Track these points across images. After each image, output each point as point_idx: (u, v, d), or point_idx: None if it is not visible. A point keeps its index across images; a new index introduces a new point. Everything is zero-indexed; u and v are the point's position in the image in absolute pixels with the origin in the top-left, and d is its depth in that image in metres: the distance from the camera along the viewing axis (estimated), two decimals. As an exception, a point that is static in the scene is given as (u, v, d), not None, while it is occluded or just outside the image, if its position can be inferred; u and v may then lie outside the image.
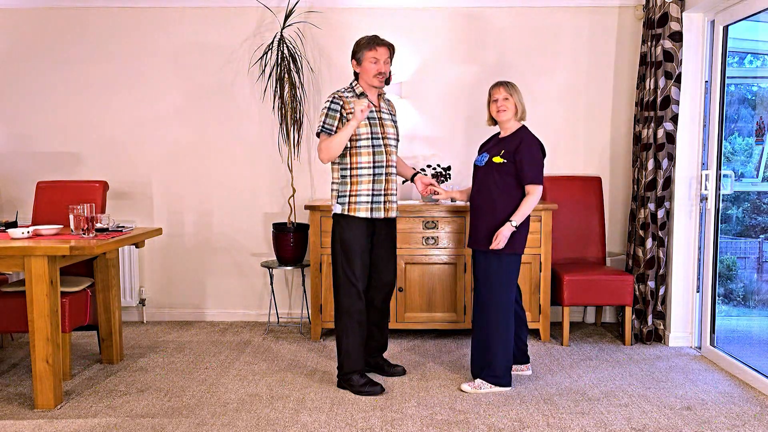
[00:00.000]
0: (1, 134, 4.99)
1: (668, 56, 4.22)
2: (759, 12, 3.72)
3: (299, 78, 4.69)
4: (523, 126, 3.60)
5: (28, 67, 4.94)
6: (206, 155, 4.97)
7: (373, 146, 3.47)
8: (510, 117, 3.55)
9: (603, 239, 4.78)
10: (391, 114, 3.63)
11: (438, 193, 3.73)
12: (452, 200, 4.20)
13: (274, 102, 4.77)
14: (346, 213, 3.49)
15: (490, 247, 3.44)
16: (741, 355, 3.91)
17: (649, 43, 4.36)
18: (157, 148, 4.97)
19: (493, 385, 3.54)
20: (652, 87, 4.32)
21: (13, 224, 4.00)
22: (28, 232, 3.50)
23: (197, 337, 4.61)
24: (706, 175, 4.18)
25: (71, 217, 3.63)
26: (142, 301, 5.02)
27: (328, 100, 3.50)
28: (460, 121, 4.89)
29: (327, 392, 3.54)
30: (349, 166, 3.49)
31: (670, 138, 4.27)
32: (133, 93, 4.94)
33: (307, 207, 4.42)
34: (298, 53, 4.75)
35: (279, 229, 4.60)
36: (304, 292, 4.91)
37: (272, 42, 4.70)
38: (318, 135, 3.51)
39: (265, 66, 4.76)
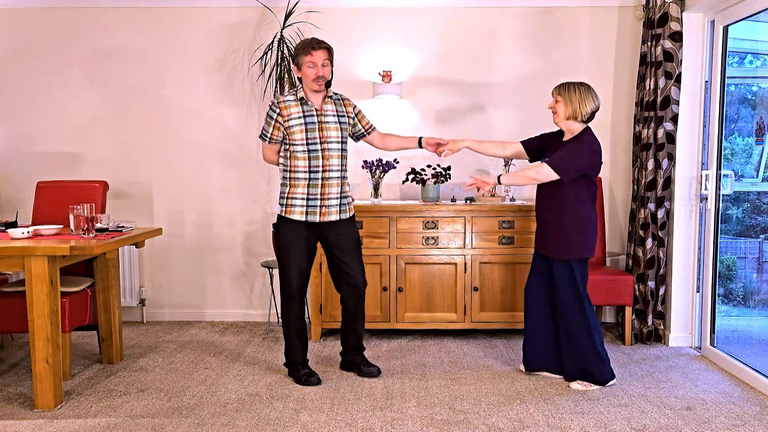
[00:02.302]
0: (1, 134, 4.99)
1: (668, 56, 4.22)
2: (759, 12, 3.72)
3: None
4: (586, 128, 3.56)
5: (28, 67, 4.94)
6: (206, 155, 4.97)
7: (308, 151, 3.52)
8: (560, 119, 3.55)
9: (603, 239, 4.77)
10: (337, 115, 3.61)
11: (442, 145, 3.77)
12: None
13: (274, 102, 4.77)
14: (283, 215, 3.60)
15: (466, 185, 3.62)
16: (741, 355, 3.91)
17: (649, 43, 4.36)
18: (157, 148, 4.97)
19: (600, 385, 3.59)
20: (652, 87, 4.32)
21: (13, 224, 4.00)
22: (28, 232, 3.50)
23: (197, 337, 4.61)
24: (706, 175, 4.18)
25: (71, 217, 3.62)
26: (142, 301, 5.02)
27: (269, 105, 3.62)
28: (461, 121, 4.89)
29: (327, 392, 3.54)
30: (288, 169, 3.58)
31: (670, 138, 4.27)
32: (132, 92, 4.94)
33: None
34: (298, 53, 4.74)
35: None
36: (304, 292, 4.91)
37: (272, 42, 4.70)
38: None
39: (265, 66, 4.76)
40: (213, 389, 3.59)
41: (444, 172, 4.62)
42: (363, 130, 3.76)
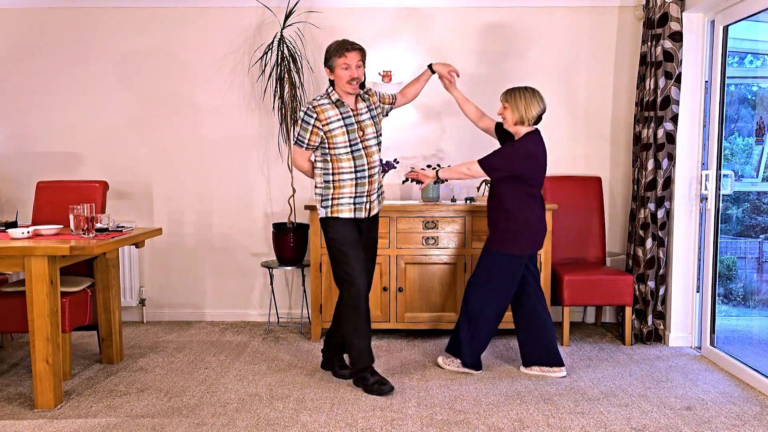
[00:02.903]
0: (1, 134, 4.99)
1: (668, 56, 4.22)
2: (759, 12, 3.72)
3: (299, 78, 4.69)
4: (529, 132, 3.66)
5: (28, 67, 4.94)
6: (206, 155, 4.97)
7: (352, 152, 3.50)
8: (509, 125, 3.69)
9: (603, 239, 4.78)
10: (370, 110, 3.60)
11: (452, 71, 3.89)
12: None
13: (274, 102, 4.77)
14: (330, 215, 3.54)
15: (405, 173, 4.02)
16: (741, 355, 3.91)
17: (649, 43, 4.36)
18: (157, 148, 4.97)
19: (461, 366, 3.85)
20: (652, 87, 4.32)
21: (13, 224, 4.00)
22: (28, 232, 3.50)
23: (197, 337, 4.61)
24: (706, 175, 4.18)
25: (71, 217, 3.62)
26: (142, 301, 5.02)
27: (302, 110, 3.52)
28: (460, 121, 4.89)
29: (327, 392, 3.54)
30: (331, 172, 3.53)
31: (670, 138, 4.27)
32: (132, 93, 4.94)
33: (307, 207, 4.42)
34: (298, 53, 4.75)
35: (279, 229, 4.61)
36: (304, 292, 4.91)
37: (272, 42, 4.70)
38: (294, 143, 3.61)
39: (265, 66, 4.76)
40: (213, 389, 3.59)
41: (444, 172, 4.61)
42: (390, 106, 3.78)
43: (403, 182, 4.71)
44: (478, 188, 4.74)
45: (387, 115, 3.82)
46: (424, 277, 4.45)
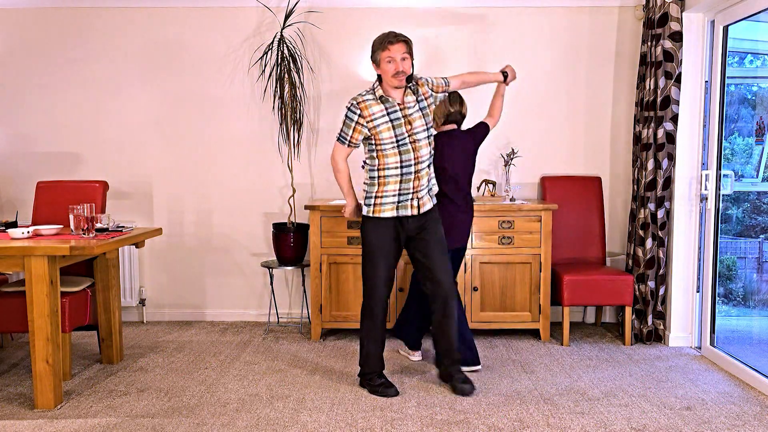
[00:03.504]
0: (1, 134, 4.99)
1: (668, 56, 4.22)
2: (759, 12, 3.72)
3: (299, 78, 4.70)
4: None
5: (28, 67, 4.94)
6: (206, 155, 4.97)
7: (398, 147, 3.39)
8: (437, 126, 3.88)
9: (603, 239, 4.78)
10: (419, 102, 3.46)
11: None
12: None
13: (274, 102, 4.77)
14: (371, 215, 3.46)
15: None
16: (741, 355, 3.91)
17: (649, 43, 4.36)
18: (157, 148, 4.97)
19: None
20: (652, 87, 4.32)
21: (13, 224, 4.00)
22: (28, 232, 3.50)
23: (197, 337, 4.61)
24: (706, 175, 4.18)
25: (71, 217, 3.62)
26: (142, 301, 5.02)
27: (346, 106, 3.43)
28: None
29: (327, 392, 3.54)
30: (377, 167, 3.43)
31: (670, 138, 4.27)
32: (133, 93, 4.95)
33: (307, 207, 4.42)
34: (298, 53, 4.75)
35: (279, 229, 4.60)
36: (304, 292, 4.91)
37: (272, 42, 4.70)
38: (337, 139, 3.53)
39: (265, 66, 4.76)
40: (213, 389, 3.59)
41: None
42: (443, 94, 3.62)
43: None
44: (479, 188, 4.74)
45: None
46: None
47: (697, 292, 4.34)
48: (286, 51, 4.63)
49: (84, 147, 4.98)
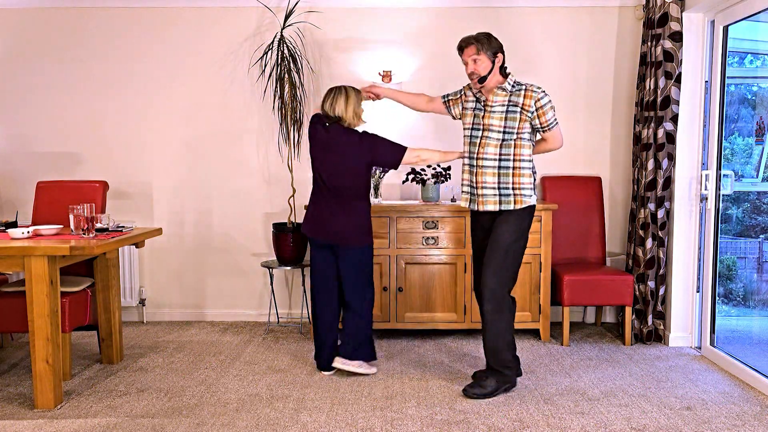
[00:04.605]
0: (1, 134, 4.99)
1: (668, 56, 4.22)
2: (759, 12, 3.72)
3: (299, 78, 4.70)
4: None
5: (28, 67, 4.94)
6: (206, 155, 4.97)
7: (470, 137, 3.51)
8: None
9: (603, 239, 4.78)
10: (510, 105, 3.41)
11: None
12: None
13: (274, 102, 4.78)
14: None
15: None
16: (741, 355, 3.91)
17: (649, 43, 4.36)
18: (157, 148, 4.97)
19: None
20: (652, 87, 4.32)
21: (13, 224, 4.00)
22: (28, 232, 3.50)
23: (197, 337, 4.61)
24: (706, 175, 4.18)
25: (71, 217, 3.62)
26: (142, 301, 5.02)
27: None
28: (460, 121, 4.89)
29: (327, 392, 3.54)
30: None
31: (670, 138, 4.27)
32: (132, 93, 4.95)
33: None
34: (298, 53, 4.75)
35: (279, 229, 4.60)
36: (304, 292, 4.91)
37: (272, 42, 4.70)
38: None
39: (265, 66, 4.76)
40: (213, 389, 3.59)
41: (444, 172, 4.62)
42: (540, 128, 3.46)
43: (403, 182, 4.71)
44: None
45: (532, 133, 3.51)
46: (424, 277, 4.45)
47: (697, 292, 4.34)
48: (286, 51, 4.64)
49: (84, 147, 4.98)
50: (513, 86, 3.46)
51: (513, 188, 3.43)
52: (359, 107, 3.73)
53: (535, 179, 3.51)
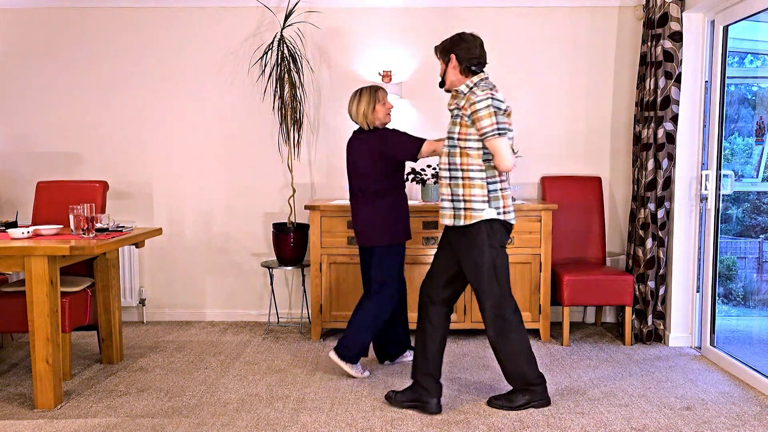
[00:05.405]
0: (1, 134, 4.99)
1: (668, 56, 4.22)
2: (759, 12, 3.72)
3: (299, 78, 4.70)
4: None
5: (28, 67, 4.94)
6: (206, 155, 4.97)
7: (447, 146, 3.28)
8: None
9: (603, 239, 4.78)
10: (456, 110, 3.20)
11: None
12: None
13: (274, 102, 4.78)
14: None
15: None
16: (741, 355, 3.91)
17: (649, 43, 4.36)
18: (157, 148, 4.97)
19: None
20: (652, 87, 4.32)
21: (13, 224, 4.00)
22: (28, 232, 3.50)
23: (197, 337, 4.61)
24: (706, 175, 4.18)
25: (71, 217, 3.63)
26: (142, 301, 5.02)
27: (489, 97, 3.11)
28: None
29: (327, 392, 3.54)
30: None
31: (670, 138, 4.27)
32: (132, 93, 4.95)
33: (307, 207, 4.42)
34: (298, 53, 4.75)
35: (279, 229, 4.61)
36: (304, 292, 4.91)
37: (272, 42, 4.70)
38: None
39: (265, 66, 4.76)
40: (213, 389, 3.59)
41: (444, 172, 4.61)
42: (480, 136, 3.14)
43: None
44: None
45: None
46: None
47: (697, 292, 4.34)
48: (286, 51, 4.64)
49: (84, 147, 4.98)
50: (470, 89, 3.17)
51: (464, 200, 3.15)
52: (369, 107, 3.67)
53: (495, 190, 3.15)
